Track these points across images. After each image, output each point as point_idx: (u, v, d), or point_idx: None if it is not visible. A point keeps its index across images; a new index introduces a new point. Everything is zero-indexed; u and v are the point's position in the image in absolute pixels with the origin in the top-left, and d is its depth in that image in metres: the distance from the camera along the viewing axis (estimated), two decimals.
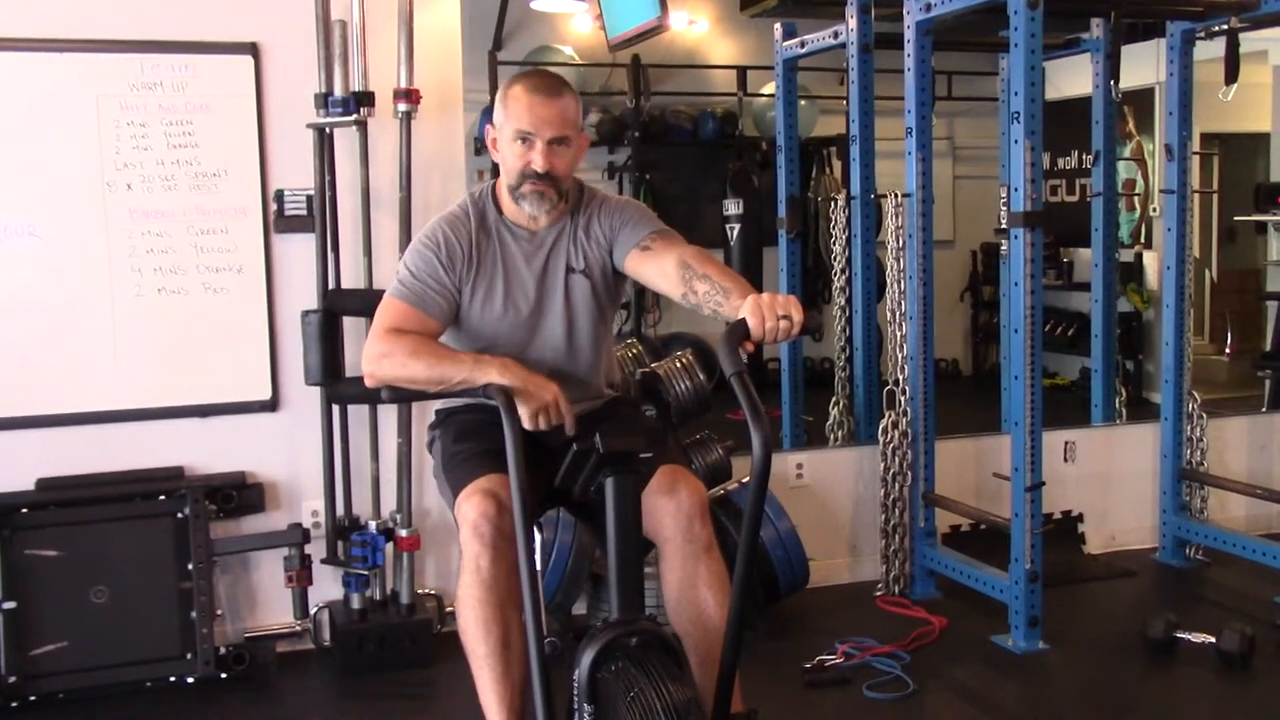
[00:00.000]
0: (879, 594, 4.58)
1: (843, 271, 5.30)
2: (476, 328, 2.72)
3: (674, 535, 2.56)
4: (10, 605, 3.71)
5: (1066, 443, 5.05)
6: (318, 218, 3.97)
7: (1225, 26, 4.69)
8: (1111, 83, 5.06)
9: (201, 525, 3.87)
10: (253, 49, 3.96)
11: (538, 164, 2.62)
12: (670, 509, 2.55)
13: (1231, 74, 4.78)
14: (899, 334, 4.59)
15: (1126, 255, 7.51)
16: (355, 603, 4.03)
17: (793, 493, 4.59)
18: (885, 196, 4.67)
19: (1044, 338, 4.11)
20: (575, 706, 2.27)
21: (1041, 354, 4.02)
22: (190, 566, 3.85)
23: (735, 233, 7.81)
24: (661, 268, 2.61)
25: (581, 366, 2.78)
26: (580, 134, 2.71)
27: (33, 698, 3.69)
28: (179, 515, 3.88)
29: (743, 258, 7.64)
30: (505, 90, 2.68)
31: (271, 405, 4.07)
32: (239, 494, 4.02)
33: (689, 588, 2.57)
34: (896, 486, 4.57)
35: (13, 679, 3.68)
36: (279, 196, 4.02)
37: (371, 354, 2.60)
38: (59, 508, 3.82)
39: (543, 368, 2.65)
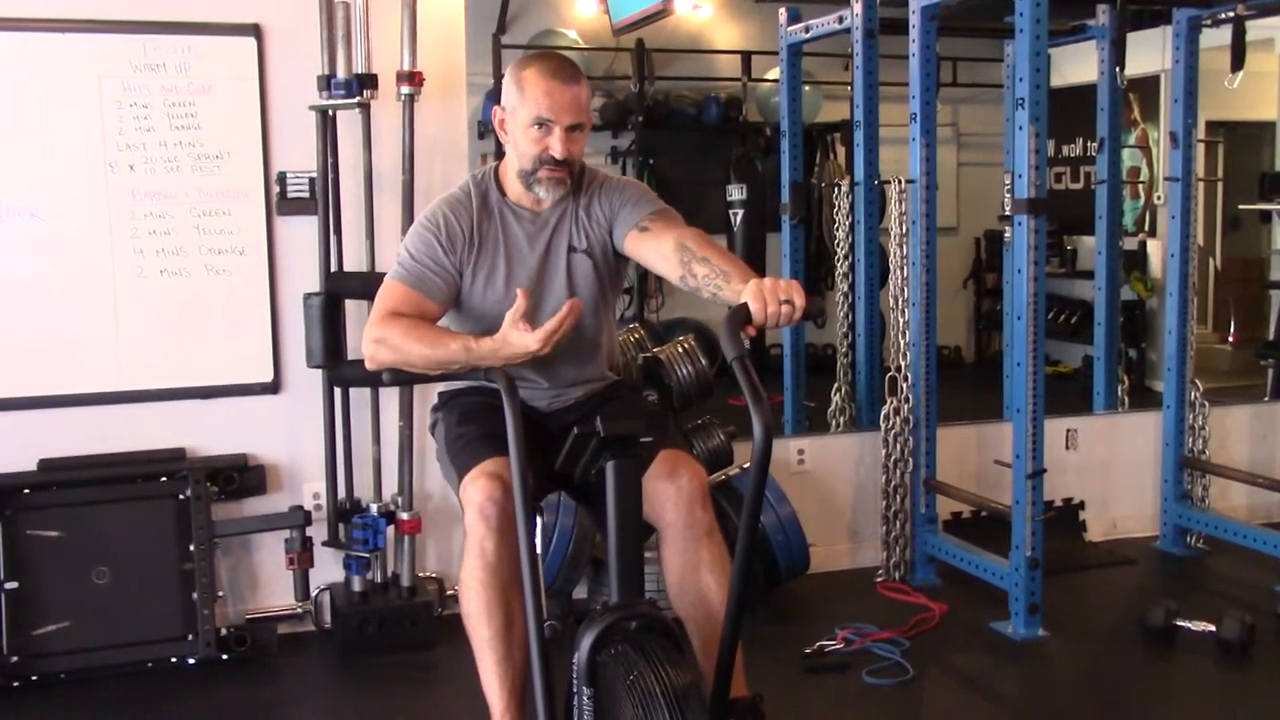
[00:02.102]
0: (879, 580, 4.58)
1: (846, 258, 5.30)
2: (479, 309, 2.71)
3: (675, 520, 2.56)
4: (12, 585, 3.72)
5: (1068, 430, 5.05)
6: (320, 200, 3.97)
7: (1231, 14, 4.67)
8: (1117, 70, 5.05)
9: (203, 507, 3.88)
10: (255, 30, 3.95)
11: (557, 151, 2.61)
12: (671, 494, 2.55)
13: (1237, 62, 4.76)
14: (901, 320, 4.59)
15: (1130, 243, 7.50)
16: (356, 585, 4.04)
17: (794, 478, 4.59)
18: (889, 183, 4.67)
19: (1047, 325, 4.10)
20: (575, 690, 2.27)
21: (1044, 341, 4.01)
22: (192, 548, 3.86)
23: (738, 218, 7.80)
24: (659, 249, 2.59)
25: (584, 347, 2.78)
26: (589, 118, 2.70)
27: (34, 677, 3.70)
28: (180, 497, 3.89)
29: (746, 243, 7.63)
30: (519, 72, 2.65)
31: (273, 387, 4.07)
32: (240, 476, 4.02)
33: (690, 572, 2.57)
34: (898, 473, 4.58)
35: (14, 659, 3.69)
36: (281, 178, 4.01)
37: (369, 338, 2.59)
38: (61, 488, 3.83)
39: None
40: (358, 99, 3.90)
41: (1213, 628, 3.87)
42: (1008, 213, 4.04)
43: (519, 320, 2.47)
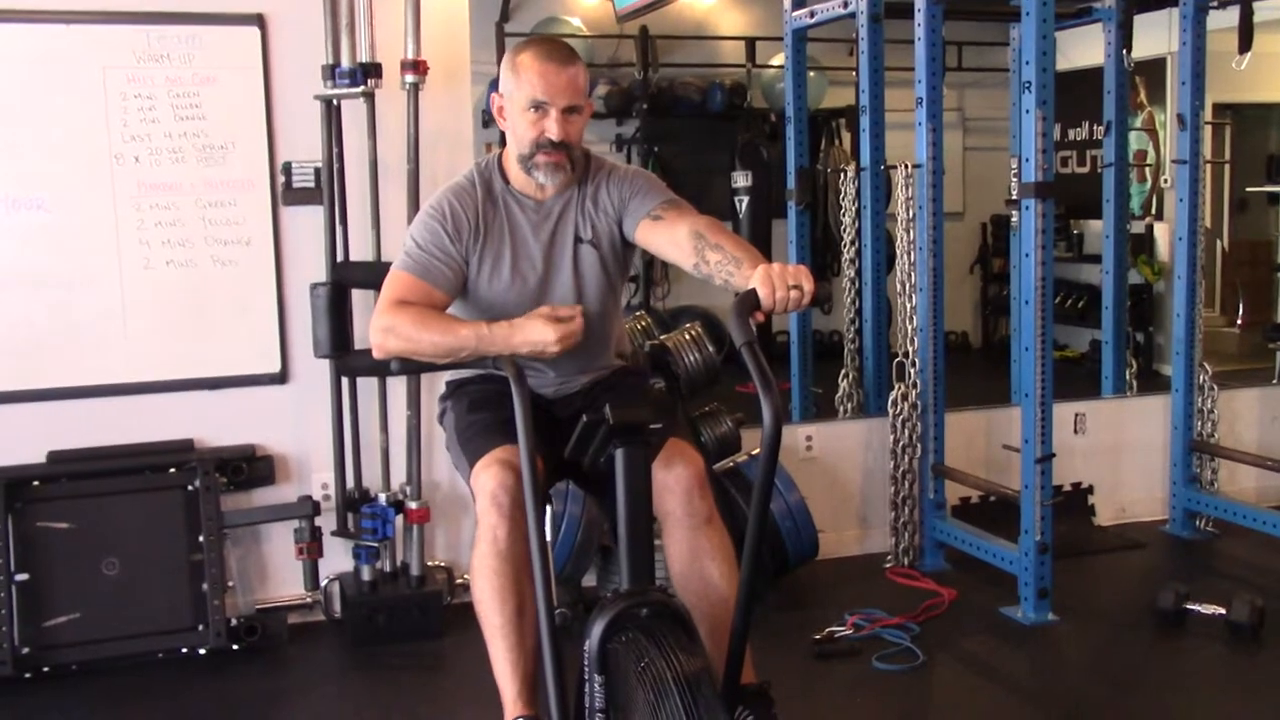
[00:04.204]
0: (888, 566, 4.58)
1: (852, 243, 5.29)
2: (485, 298, 2.71)
3: (674, 509, 2.56)
4: (23, 577, 3.73)
5: (1077, 415, 5.05)
6: (325, 190, 3.97)
7: None
8: (1123, 52, 5.03)
9: (212, 498, 3.88)
10: (259, 20, 3.95)
11: (553, 132, 2.60)
12: (669, 483, 2.54)
13: (1245, 43, 4.75)
14: (909, 306, 4.58)
15: (1137, 227, 7.48)
16: (365, 574, 4.04)
17: (802, 465, 4.59)
18: (895, 168, 4.66)
19: (1054, 310, 4.09)
20: (586, 677, 2.27)
21: (1052, 326, 4.01)
22: (201, 539, 3.87)
23: (744, 205, 7.80)
24: (673, 237, 2.59)
25: (591, 337, 2.76)
26: (587, 101, 2.70)
27: (46, 669, 3.72)
28: (189, 488, 3.90)
29: (752, 230, 7.63)
30: (514, 58, 2.65)
31: (281, 378, 4.08)
32: (249, 466, 4.03)
33: (693, 561, 2.57)
34: (906, 459, 4.57)
35: (26, 650, 3.70)
36: (287, 169, 4.01)
37: (377, 327, 2.59)
38: (70, 480, 3.84)
39: None
40: (362, 88, 3.90)
41: (1223, 611, 3.87)
42: (1014, 197, 4.04)
43: (553, 318, 2.50)
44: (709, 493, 2.59)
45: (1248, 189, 8.24)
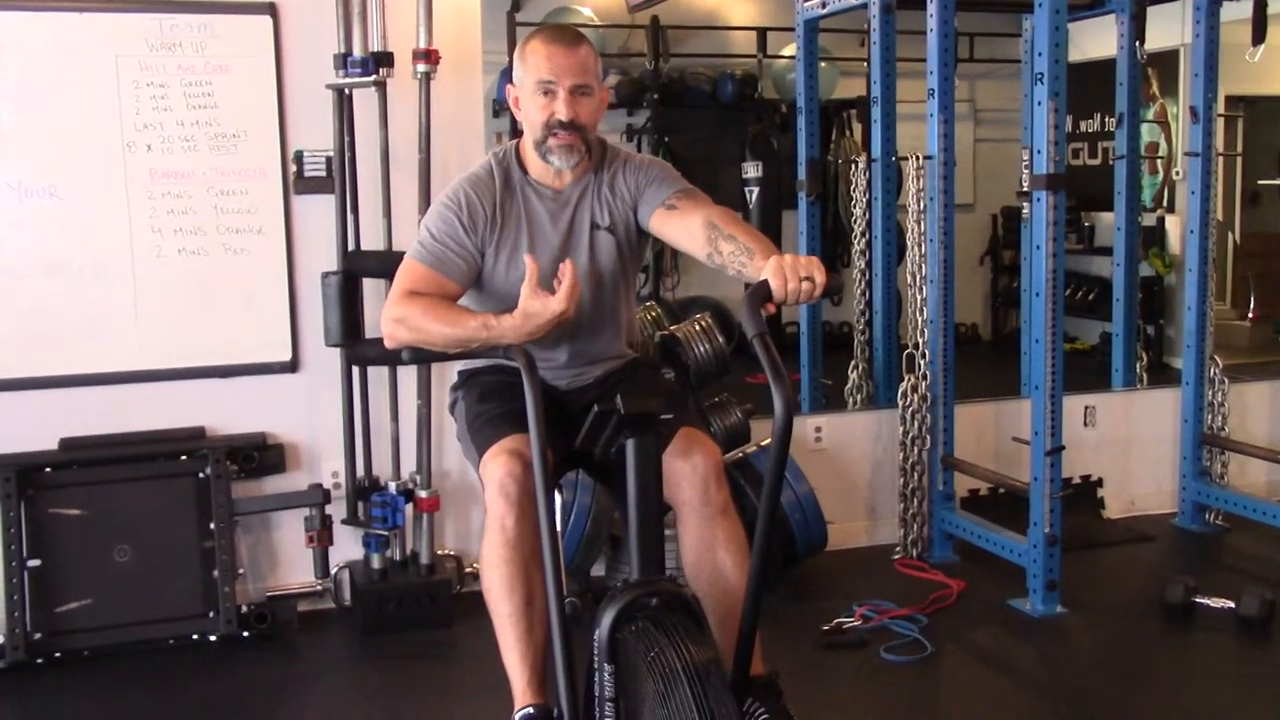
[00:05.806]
0: (897, 557, 4.59)
1: (863, 235, 5.28)
2: (501, 288, 2.70)
3: (690, 498, 2.56)
4: (35, 563, 3.75)
5: (1087, 407, 5.04)
6: (337, 179, 3.97)
7: None
8: (1136, 44, 5.01)
9: (223, 485, 3.90)
10: (271, 9, 3.95)
11: (562, 113, 2.60)
12: (686, 473, 2.55)
13: (1258, 35, 4.73)
14: (919, 298, 4.58)
15: (1149, 219, 7.46)
16: (375, 563, 4.06)
17: (811, 456, 4.59)
18: (906, 159, 4.65)
19: (1065, 302, 4.08)
20: (595, 666, 2.28)
21: (1062, 318, 4.00)
22: (212, 526, 3.88)
23: (754, 196, 7.78)
24: (687, 227, 2.59)
25: (605, 324, 2.77)
26: (601, 86, 2.69)
27: (58, 654, 3.74)
28: (200, 475, 3.91)
29: (762, 221, 7.61)
30: (523, 46, 2.66)
31: (292, 366, 4.09)
32: (260, 454, 4.04)
33: (706, 550, 2.58)
34: (915, 450, 4.57)
35: (38, 636, 3.72)
36: (298, 158, 4.02)
37: (388, 317, 2.59)
38: (82, 467, 3.85)
39: (566, 326, 2.63)
40: (374, 77, 3.90)
41: (1232, 604, 3.87)
42: (1026, 189, 4.02)
43: (536, 290, 2.47)
44: (725, 483, 2.59)
45: (1260, 182, 8.21)
